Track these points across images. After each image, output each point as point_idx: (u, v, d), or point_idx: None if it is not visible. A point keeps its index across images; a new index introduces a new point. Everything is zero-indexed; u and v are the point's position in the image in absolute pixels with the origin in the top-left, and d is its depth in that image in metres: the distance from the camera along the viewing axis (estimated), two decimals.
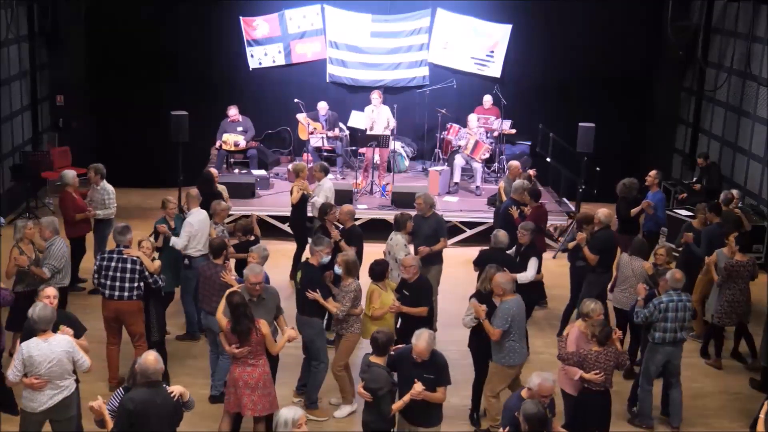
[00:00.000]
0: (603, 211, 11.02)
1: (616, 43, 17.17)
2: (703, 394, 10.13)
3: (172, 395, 6.59)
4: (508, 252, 10.50)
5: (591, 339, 8.01)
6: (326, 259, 9.25)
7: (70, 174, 12.07)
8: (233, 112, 16.35)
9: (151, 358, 6.59)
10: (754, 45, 15.12)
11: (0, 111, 15.12)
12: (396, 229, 10.69)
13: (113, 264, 9.21)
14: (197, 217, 10.67)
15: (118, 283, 9.19)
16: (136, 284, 9.22)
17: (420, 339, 7.29)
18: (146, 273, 9.27)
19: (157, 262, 9.58)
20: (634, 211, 12.27)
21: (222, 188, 12.82)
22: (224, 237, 10.30)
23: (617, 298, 10.46)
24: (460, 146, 16.05)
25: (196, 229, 10.53)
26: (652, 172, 12.82)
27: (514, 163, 13.76)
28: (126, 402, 6.48)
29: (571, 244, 11.29)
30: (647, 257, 10.40)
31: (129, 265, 9.20)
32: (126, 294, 9.21)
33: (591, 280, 10.80)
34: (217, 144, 16.12)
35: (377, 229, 13.64)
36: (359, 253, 10.55)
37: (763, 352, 10.02)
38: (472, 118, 16.25)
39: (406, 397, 7.25)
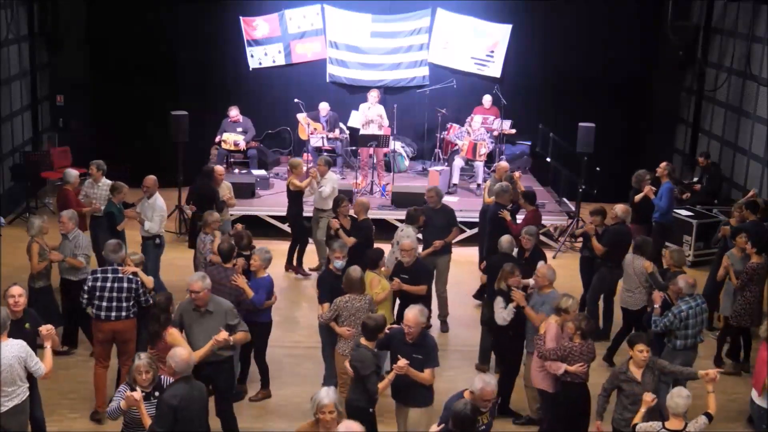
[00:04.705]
0: (620, 207, 11.21)
1: (616, 43, 17.17)
2: (701, 395, 10.07)
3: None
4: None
5: (575, 333, 7.99)
6: (339, 263, 9.18)
7: (73, 173, 12.34)
8: (234, 112, 16.32)
9: (184, 353, 6.78)
10: (754, 45, 15.12)
11: (0, 111, 15.14)
12: (408, 222, 11.05)
13: (108, 284, 8.74)
14: (162, 201, 11.65)
15: (114, 303, 8.72)
16: (132, 302, 8.81)
17: (411, 309, 7.60)
18: (141, 291, 8.84)
19: (151, 278, 9.37)
20: (637, 197, 12.30)
21: (227, 185, 12.84)
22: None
23: (622, 297, 10.46)
24: (458, 147, 16.03)
25: (165, 211, 11.67)
26: (663, 164, 12.84)
27: (503, 164, 13.80)
28: (169, 399, 6.60)
29: (578, 231, 11.27)
30: (650, 256, 10.30)
31: (125, 284, 8.77)
32: (123, 314, 8.76)
33: (602, 274, 10.88)
34: (216, 139, 16.11)
35: (378, 229, 13.59)
36: (366, 246, 10.54)
37: None
38: (477, 120, 16.18)
39: (391, 375, 7.47)
